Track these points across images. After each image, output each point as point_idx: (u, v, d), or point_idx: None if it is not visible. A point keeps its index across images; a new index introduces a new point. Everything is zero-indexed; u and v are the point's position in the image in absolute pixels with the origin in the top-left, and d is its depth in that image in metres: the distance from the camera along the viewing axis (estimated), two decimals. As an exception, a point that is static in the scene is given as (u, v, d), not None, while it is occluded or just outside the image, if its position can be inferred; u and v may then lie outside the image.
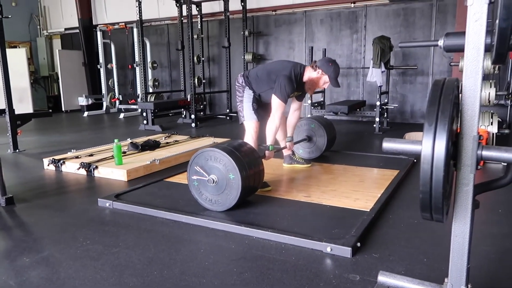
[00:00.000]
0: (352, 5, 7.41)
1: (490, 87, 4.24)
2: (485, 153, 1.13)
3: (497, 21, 0.95)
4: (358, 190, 3.09)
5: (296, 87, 3.26)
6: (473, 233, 2.16)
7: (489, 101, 4.27)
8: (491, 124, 4.14)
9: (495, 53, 1.02)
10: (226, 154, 2.55)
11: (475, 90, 1.11)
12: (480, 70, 1.09)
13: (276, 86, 3.17)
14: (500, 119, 4.39)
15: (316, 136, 4.09)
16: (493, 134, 3.99)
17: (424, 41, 1.64)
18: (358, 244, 2.08)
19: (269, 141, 3.23)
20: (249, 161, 2.65)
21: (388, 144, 1.22)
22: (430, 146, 1.02)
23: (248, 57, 8.15)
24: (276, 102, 3.17)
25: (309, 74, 3.28)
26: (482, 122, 4.15)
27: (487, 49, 1.14)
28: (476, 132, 1.12)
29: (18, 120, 4.99)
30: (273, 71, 3.25)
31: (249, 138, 3.28)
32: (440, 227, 1.55)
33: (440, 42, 1.50)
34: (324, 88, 3.76)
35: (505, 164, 1.43)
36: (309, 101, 6.60)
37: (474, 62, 1.09)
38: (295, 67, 3.25)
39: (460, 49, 1.31)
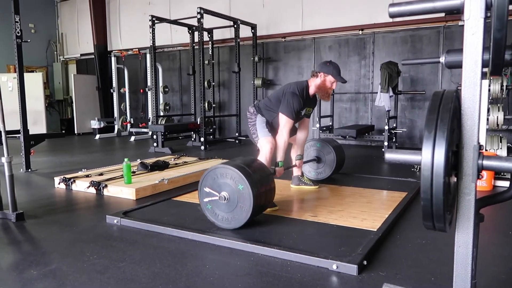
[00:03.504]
0: (360, 32, 7.56)
1: (498, 111, 4.26)
2: (486, 162, 1.14)
3: (492, 33, 0.98)
4: (365, 210, 3.07)
5: (306, 102, 3.30)
6: (483, 255, 2.14)
7: (497, 125, 4.28)
8: (501, 148, 4.13)
9: (491, 64, 1.05)
10: (230, 166, 2.56)
11: (474, 101, 1.13)
12: (478, 81, 1.12)
13: (282, 103, 3.23)
14: (510, 144, 4.37)
15: (325, 156, 4.09)
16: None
17: (427, 58, 1.68)
18: (365, 262, 2.06)
19: (278, 157, 3.24)
20: (255, 169, 2.65)
21: (390, 155, 1.24)
22: (430, 153, 1.04)
23: (258, 82, 8.30)
24: (283, 119, 3.22)
25: (314, 82, 3.34)
26: (491, 145, 4.14)
27: (485, 64, 1.18)
28: (476, 142, 1.14)
29: (31, 140, 5.11)
30: (280, 95, 3.33)
31: (263, 156, 3.27)
32: (448, 247, 1.53)
33: (442, 59, 1.54)
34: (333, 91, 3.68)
35: None
36: (318, 125, 6.64)
37: (472, 73, 1.13)
38: (298, 84, 3.34)
39: (461, 65, 1.34)
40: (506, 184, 3.67)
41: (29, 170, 5.06)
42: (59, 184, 4.09)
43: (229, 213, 2.62)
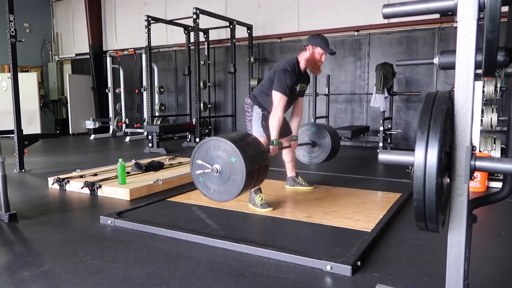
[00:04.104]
0: (356, 33, 7.57)
1: (492, 112, 4.28)
2: (479, 163, 1.14)
3: (484, 34, 0.99)
4: (360, 211, 3.08)
5: (299, 78, 3.29)
6: (476, 255, 2.15)
7: (491, 126, 4.30)
8: (494, 149, 4.15)
9: (484, 65, 1.05)
10: (223, 139, 2.52)
11: (467, 102, 1.14)
12: (471, 82, 1.12)
13: (275, 81, 3.21)
14: (503, 146, 4.39)
15: (320, 140, 3.97)
16: (496, 159, 3.98)
17: (421, 59, 1.69)
18: (359, 263, 2.06)
19: (273, 135, 3.17)
20: (249, 143, 2.61)
21: (384, 156, 1.24)
22: (422, 154, 1.04)
23: (254, 82, 8.29)
24: (276, 96, 3.18)
25: (304, 56, 3.32)
26: (485, 147, 4.16)
27: (479, 65, 1.18)
28: (469, 143, 1.14)
29: (25, 141, 5.07)
30: (272, 75, 3.30)
31: None
32: (442, 248, 1.54)
33: (436, 60, 1.54)
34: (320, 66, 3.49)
35: None
36: (313, 126, 6.64)
37: (465, 74, 1.13)
38: (289, 60, 3.31)
39: (454, 66, 1.35)
40: (499, 185, 3.70)
41: (23, 170, 5.03)
42: (52, 184, 4.06)
43: (221, 186, 2.54)
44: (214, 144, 2.55)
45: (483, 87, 4.32)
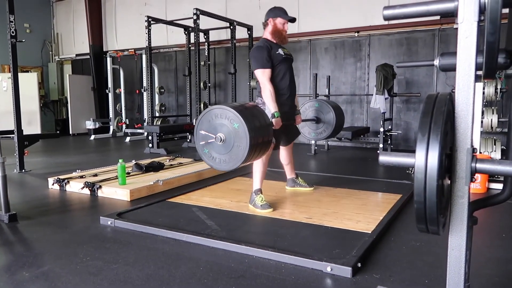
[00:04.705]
0: (356, 34, 7.57)
1: (493, 113, 4.28)
2: (479, 166, 1.14)
3: (485, 36, 0.99)
4: (360, 212, 3.07)
5: (275, 47, 3.28)
6: (476, 257, 2.15)
7: (492, 128, 4.30)
8: (495, 151, 4.16)
9: (484, 67, 1.05)
10: (225, 106, 2.52)
11: (467, 104, 1.14)
12: (472, 84, 1.12)
13: (252, 63, 3.26)
14: (504, 147, 4.39)
15: (324, 115, 3.94)
16: (496, 160, 3.99)
17: (421, 61, 1.69)
18: (359, 265, 2.06)
19: (272, 108, 3.13)
20: (249, 109, 2.61)
21: (384, 157, 1.24)
22: (423, 156, 1.04)
23: (254, 83, 8.28)
24: (258, 73, 3.19)
25: (268, 31, 3.35)
26: (485, 148, 4.16)
27: (479, 67, 1.18)
28: (470, 145, 1.14)
29: (25, 141, 5.07)
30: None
31: (259, 159, 3.19)
32: (443, 250, 1.53)
33: (436, 62, 1.54)
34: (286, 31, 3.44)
35: None
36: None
37: (466, 76, 1.13)
38: (258, 42, 3.35)
39: (455, 68, 1.35)
40: (500, 187, 3.69)
41: (23, 170, 5.02)
42: (53, 185, 4.06)
43: (226, 154, 2.54)
44: (216, 113, 2.54)
45: (484, 88, 4.32)
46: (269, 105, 3.15)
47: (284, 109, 3.32)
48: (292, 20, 3.34)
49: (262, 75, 3.18)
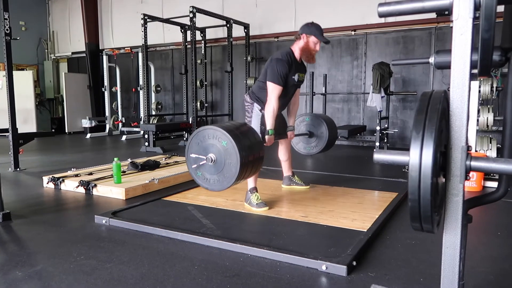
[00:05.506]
0: (353, 32, 7.57)
1: (488, 112, 4.29)
2: (474, 163, 1.14)
3: (480, 33, 0.98)
4: (356, 211, 3.07)
5: (295, 68, 3.25)
6: (472, 255, 2.15)
7: (487, 126, 4.31)
8: (490, 149, 4.16)
9: (479, 65, 1.05)
10: (211, 126, 2.52)
11: (462, 102, 1.13)
12: (467, 81, 1.12)
13: (268, 72, 3.17)
14: (499, 145, 4.40)
15: (316, 129, 3.94)
16: (492, 158, 3.99)
17: (417, 58, 1.68)
18: (354, 263, 2.06)
19: (268, 125, 3.16)
20: (237, 127, 2.60)
21: (379, 155, 1.23)
22: (417, 154, 1.03)
23: (250, 81, 8.28)
24: (270, 86, 3.15)
25: (298, 45, 3.28)
26: (481, 146, 4.17)
27: (475, 65, 1.17)
28: (464, 143, 1.13)
29: (20, 139, 5.04)
30: (267, 67, 3.26)
31: None
32: (438, 248, 1.53)
33: (431, 59, 1.54)
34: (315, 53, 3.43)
35: None
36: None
37: (461, 74, 1.12)
38: (282, 51, 3.28)
39: (450, 66, 1.34)
40: (495, 184, 3.70)
41: (18, 169, 4.99)
42: (47, 183, 4.04)
43: (219, 173, 2.53)
44: (204, 134, 2.55)
45: (479, 87, 4.33)
46: (267, 121, 3.17)
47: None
48: (327, 42, 3.27)
49: (273, 90, 3.16)
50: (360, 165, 5.49)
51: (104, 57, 9.80)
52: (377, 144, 6.09)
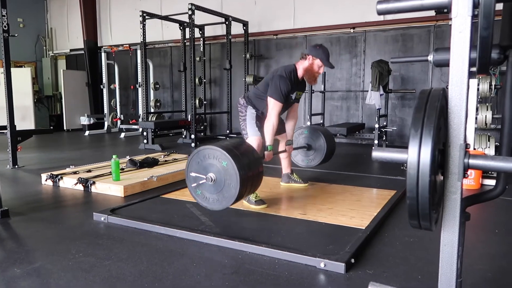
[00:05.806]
0: (352, 30, 7.56)
1: (487, 110, 4.29)
2: (472, 161, 1.14)
3: (479, 31, 0.98)
4: (354, 208, 3.08)
5: (295, 86, 3.28)
6: (470, 253, 2.15)
7: (486, 124, 4.31)
8: (489, 147, 4.17)
9: (478, 62, 1.05)
10: (211, 146, 2.53)
11: (460, 99, 1.13)
12: (465, 79, 1.12)
13: (270, 86, 3.20)
14: (498, 143, 4.41)
15: (314, 142, 3.97)
16: (490, 156, 4.00)
17: (415, 56, 1.68)
18: (352, 260, 2.06)
19: (267, 141, 3.19)
20: (237, 146, 2.61)
21: (377, 153, 1.23)
22: (416, 151, 1.03)
23: (249, 79, 8.26)
24: (271, 102, 3.18)
25: (302, 65, 3.31)
26: (479, 144, 4.17)
27: (474, 63, 1.17)
28: (462, 141, 1.13)
29: (18, 136, 5.03)
30: (268, 80, 3.29)
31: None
32: (436, 245, 1.54)
33: (430, 57, 1.54)
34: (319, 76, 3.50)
35: None
36: (308, 123, 6.64)
37: (459, 72, 1.12)
38: (286, 67, 3.30)
39: (449, 64, 1.34)
40: (493, 183, 3.71)
41: (16, 166, 4.98)
42: (46, 180, 4.03)
43: (219, 193, 2.55)
44: (204, 154, 2.57)
45: (478, 85, 4.33)
46: (266, 137, 3.20)
47: None
48: (331, 67, 3.29)
49: (273, 107, 3.19)
50: (358, 163, 5.49)
51: (103, 54, 9.78)
52: (376, 141, 6.10)
